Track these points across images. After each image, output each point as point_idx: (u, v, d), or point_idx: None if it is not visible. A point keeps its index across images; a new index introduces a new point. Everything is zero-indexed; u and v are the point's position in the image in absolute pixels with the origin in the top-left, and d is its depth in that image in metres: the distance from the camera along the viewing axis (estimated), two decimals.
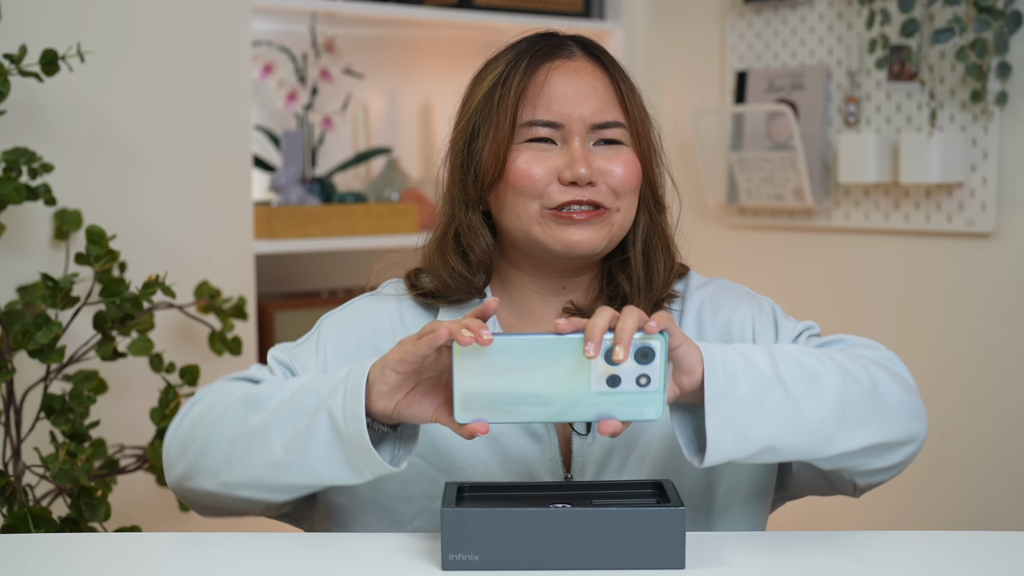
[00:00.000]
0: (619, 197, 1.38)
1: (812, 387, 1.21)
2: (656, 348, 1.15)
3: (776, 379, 1.20)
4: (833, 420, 1.22)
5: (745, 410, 1.18)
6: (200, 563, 1.21)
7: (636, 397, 1.15)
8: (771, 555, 1.21)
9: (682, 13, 3.02)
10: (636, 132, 1.40)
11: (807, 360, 1.24)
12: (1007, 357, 2.46)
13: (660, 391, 1.15)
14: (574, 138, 1.37)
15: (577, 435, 1.36)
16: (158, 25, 2.24)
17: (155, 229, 2.25)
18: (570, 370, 1.15)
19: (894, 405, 1.27)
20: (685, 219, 1.50)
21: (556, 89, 1.38)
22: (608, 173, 1.37)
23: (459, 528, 1.13)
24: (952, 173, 2.46)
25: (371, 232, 2.68)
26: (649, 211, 1.43)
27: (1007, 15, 2.33)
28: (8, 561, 1.21)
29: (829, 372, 1.23)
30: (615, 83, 1.40)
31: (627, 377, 1.15)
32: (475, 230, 1.41)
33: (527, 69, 1.38)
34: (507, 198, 1.38)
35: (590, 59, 1.41)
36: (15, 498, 1.78)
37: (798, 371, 1.22)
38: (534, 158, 1.37)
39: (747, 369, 1.19)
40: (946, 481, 2.57)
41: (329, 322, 1.44)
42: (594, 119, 1.38)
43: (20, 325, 1.95)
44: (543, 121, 1.37)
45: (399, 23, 2.98)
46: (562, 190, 1.36)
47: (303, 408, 1.23)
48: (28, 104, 2.08)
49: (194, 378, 2.06)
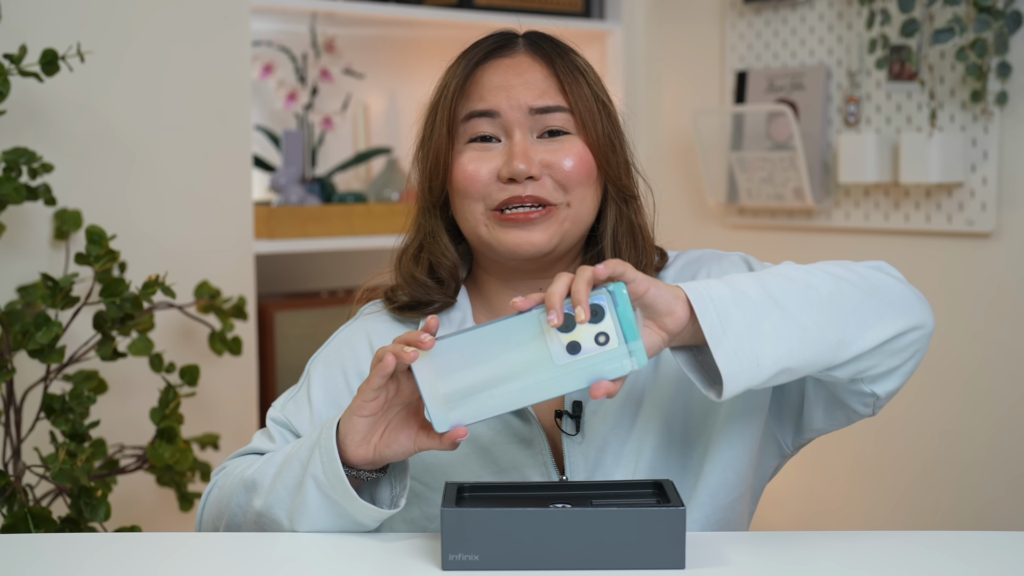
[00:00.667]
0: (567, 191, 1.34)
1: (807, 298, 1.19)
2: (604, 303, 1.13)
3: (769, 299, 1.18)
4: (837, 325, 1.20)
5: (746, 337, 1.16)
6: (200, 563, 1.21)
7: (601, 357, 1.14)
8: (771, 555, 1.21)
9: (682, 13, 3.02)
10: (583, 120, 1.35)
11: (796, 274, 1.22)
12: (1007, 357, 2.46)
13: (621, 345, 1.14)
14: (515, 131, 1.34)
15: (566, 436, 1.36)
16: (158, 25, 2.24)
17: (155, 229, 2.25)
18: (529, 349, 1.14)
19: (893, 297, 1.25)
20: (685, 219, 1.49)
21: (492, 82, 1.36)
22: (552, 166, 1.34)
23: (459, 528, 1.13)
24: (952, 173, 2.46)
25: (371, 232, 2.68)
26: (616, 204, 1.39)
27: (1007, 15, 2.33)
28: (8, 561, 1.21)
29: (821, 281, 1.21)
30: (556, 73, 1.36)
31: (585, 341, 1.14)
32: (438, 238, 1.41)
33: (464, 70, 1.37)
34: (456, 202, 1.37)
35: (531, 53, 1.38)
36: (15, 498, 1.78)
37: (789, 286, 1.20)
38: (475, 158, 1.35)
39: (736, 297, 1.17)
40: (946, 481, 2.57)
41: (315, 366, 1.44)
42: (532, 103, 1.34)
43: (20, 325, 1.95)
44: (477, 111, 1.35)
45: (399, 23, 2.98)
46: (501, 188, 1.33)
47: (292, 481, 1.26)
48: (28, 104, 2.08)
49: (194, 378, 2.07)
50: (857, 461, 2.69)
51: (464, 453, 1.37)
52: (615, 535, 1.13)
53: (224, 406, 2.35)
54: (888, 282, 1.26)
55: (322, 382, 1.42)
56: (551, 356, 1.15)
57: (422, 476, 1.37)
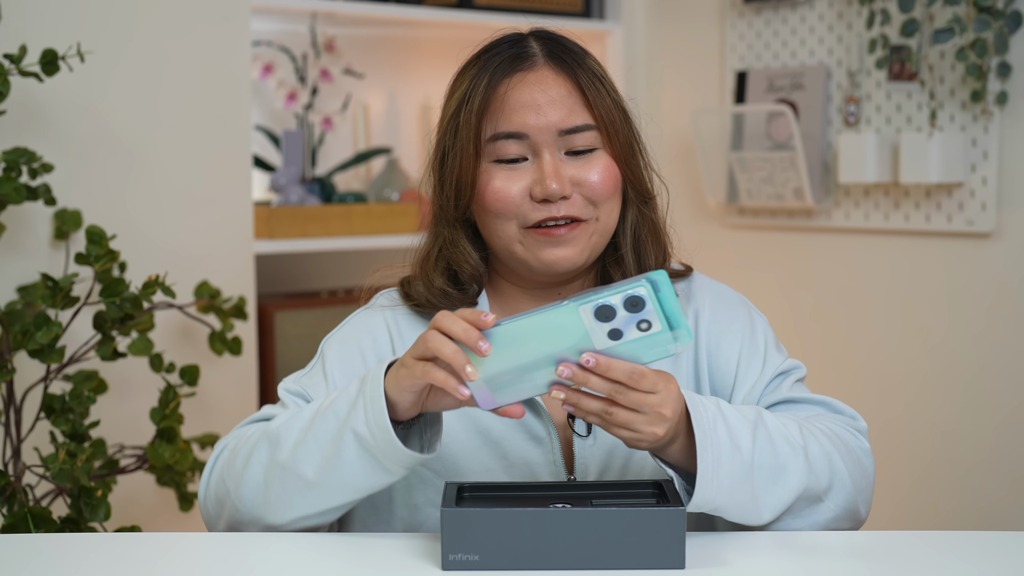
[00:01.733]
0: (597, 206, 1.36)
1: (774, 481, 1.26)
2: (643, 295, 1.14)
3: (749, 469, 1.23)
4: (778, 511, 1.26)
5: (722, 494, 1.22)
6: (200, 563, 1.21)
7: (644, 342, 1.15)
8: (771, 555, 1.21)
9: (682, 13, 3.02)
10: (607, 133, 1.37)
11: (782, 449, 1.26)
12: (1007, 357, 2.46)
13: (665, 330, 1.14)
14: (543, 151, 1.34)
15: (578, 437, 1.36)
16: (158, 25, 2.24)
17: (155, 229, 2.25)
18: (570, 332, 1.15)
19: (840, 503, 1.31)
20: (685, 219, 1.50)
21: (518, 101, 1.35)
22: (582, 183, 1.35)
23: (459, 528, 1.13)
24: (952, 173, 2.46)
25: (371, 232, 2.68)
26: (636, 205, 1.41)
27: (1007, 15, 2.33)
28: (8, 561, 1.21)
29: (796, 469, 1.27)
30: (580, 87, 1.36)
31: (626, 327, 1.15)
32: (460, 247, 1.40)
33: (488, 86, 1.36)
34: (486, 219, 1.37)
35: (553, 65, 1.37)
36: (15, 498, 1.78)
37: (770, 461, 1.25)
38: (505, 178, 1.35)
39: (731, 454, 1.22)
40: (947, 482, 2.57)
41: (330, 344, 1.43)
42: (561, 125, 1.34)
43: (20, 325, 1.95)
44: (505, 133, 1.34)
45: (399, 23, 2.98)
46: (536, 208, 1.34)
47: (325, 433, 1.24)
48: (28, 104, 2.08)
49: (194, 378, 2.06)
50: None
51: (476, 445, 1.37)
52: (615, 535, 1.13)
53: (224, 406, 2.35)
54: (844, 487, 1.32)
55: (338, 358, 1.41)
56: (592, 339, 1.15)
57: (432, 463, 1.37)
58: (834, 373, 2.74)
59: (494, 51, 1.40)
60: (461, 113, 1.36)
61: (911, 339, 2.60)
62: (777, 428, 1.27)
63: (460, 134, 1.36)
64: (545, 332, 1.15)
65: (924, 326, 2.59)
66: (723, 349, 1.41)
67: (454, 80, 1.41)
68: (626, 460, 1.36)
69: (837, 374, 2.73)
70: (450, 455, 1.37)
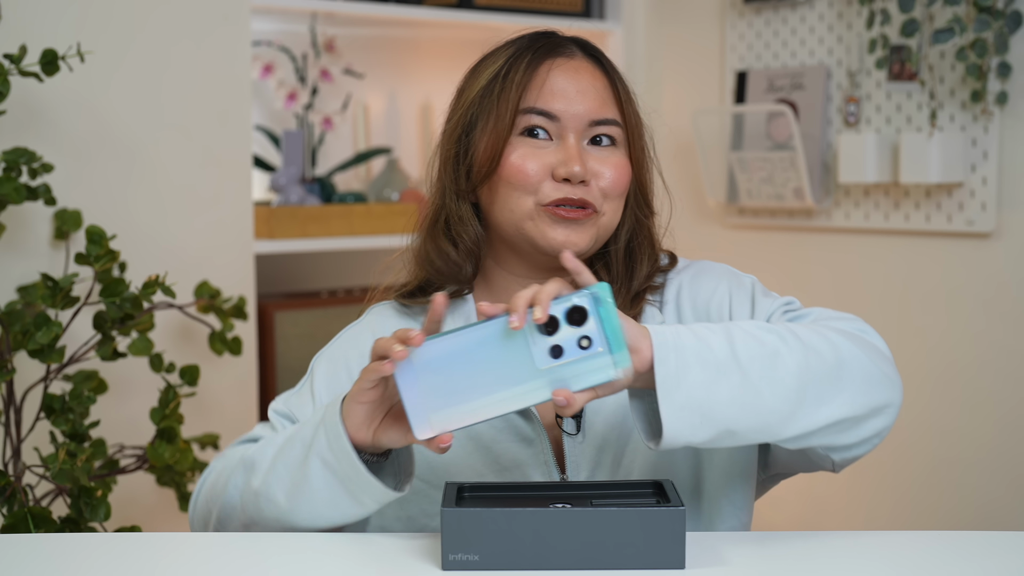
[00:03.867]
0: (607, 199, 1.38)
1: (771, 366, 1.18)
2: (587, 304, 1.13)
3: (732, 361, 1.17)
4: (793, 400, 1.18)
5: (699, 394, 1.15)
6: (200, 563, 1.21)
7: (584, 363, 1.13)
8: (771, 555, 1.21)
9: (682, 13, 3.02)
10: (631, 135, 1.41)
11: (768, 338, 1.20)
12: (1007, 357, 2.46)
13: (606, 351, 1.12)
14: (569, 135, 1.37)
15: (567, 435, 1.36)
16: (158, 25, 2.24)
17: (155, 229, 2.25)
18: (512, 354, 1.13)
19: (860, 377, 1.24)
20: (685, 219, 1.50)
21: (557, 84, 1.38)
22: (599, 175, 1.37)
23: (459, 528, 1.13)
24: (952, 173, 2.46)
25: (371, 232, 2.68)
26: (636, 213, 1.43)
27: (1007, 15, 2.33)
28: (8, 561, 1.21)
29: (790, 349, 1.19)
30: (613, 85, 1.41)
31: (568, 345, 1.13)
32: (465, 220, 1.42)
33: (530, 64, 1.39)
34: (500, 192, 1.38)
35: (590, 60, 1.42)
36: (15, 498, 1.78)
37: (757, 350, 1.18)
38: (529, 154, 1.37)
39: (700, 352, 1.16)
40: (946, 481, 2.57)
41: (319, 362, 1.45)
42: (592, 116, 1.38)
43: (20, 325, 1.95)
44: (540, 110, 1.37)
45: (399, 23, 2.98)
46: (555, 187, 1.36)
47: (293, 459, 1.26)
48: (28, 104, 2.08)
49: (194, 378, 2.06)
50: (857, 461, 2.69)
51: (466, 451, 1.37)
52: (615, 535, 1.13)
53: (224, 406, 2.35)
54: (859, 359, 1.24)
55: (325, 377, 1.43)
56: (533, 360, 1.13)
57: (423, 473, 1.37)
58: None
59: (530, 37, 1.43)
60: (496, 85, 1.39)
61: (911, 339, 2.60)
62: (752, 325, 1.23)
63: (498, 104, 1.38)
64: (485, 347, 1.13)
65: (924, 326, 2.59)
66: (712, 310, 1.40)
67: (481, 61, 1.43)
68: (617, 456, 1.36)
69: None
70: (441, 462, 1.37)
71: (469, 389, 1.14)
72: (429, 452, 1.37)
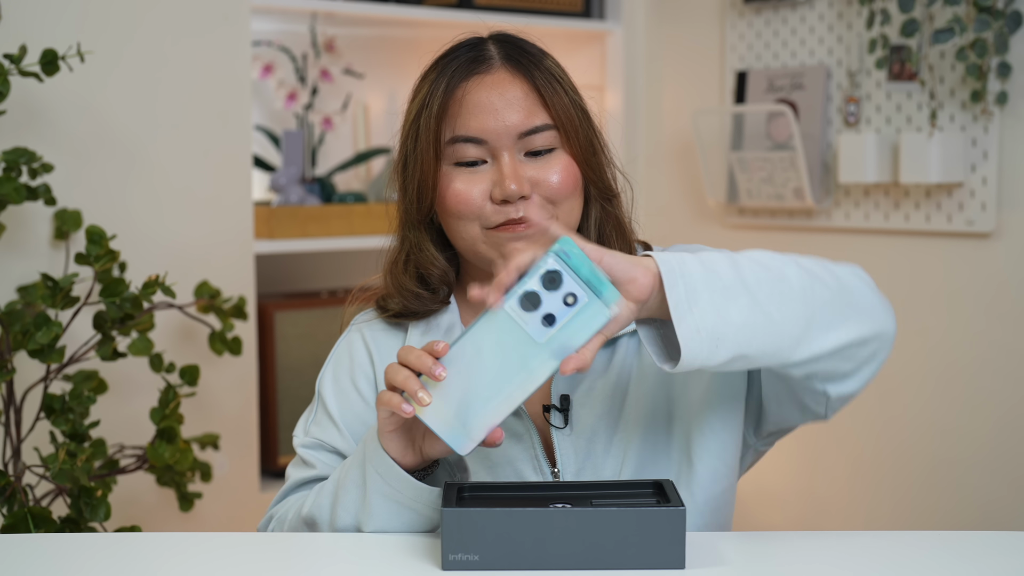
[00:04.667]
0: (556, 205, 1.37)
1: (778, 289, 1.18)
2: (555, 265, 1.14)
3: (740, 284, 1.17)
4: (802, 321, 1.19)
5: (711, 317, 1.15)
6: (200, 563, 1.21)
7: (578, 317, 1.14)
8: (771, 555, 1.21)
9: (682, 13, 3.02)
10: (566, 132, 1.37)
11: (772, 263, 1.21)
12: (1007, 357, 2.46)
13: (591, 296, 1.14)
14: (502, 153, 1.35)
15: (555, 429, 1.37)
16: (158, 25, 2.24)
17: (155, 229, 2.25)
18: (511, 339, 1.15)
19: (862, 302, 1.25)
20: (685, 219, 1.50)
21: (475, 105, 1.36)
22: (540, 183, 1.36)
23: (459, 528, 1.13)
24: (952, 173, 2.46)
25: (371, 232, 2.68)
26: (599, 203, 1.42)
27: (1007, 15, 2.33)
28: (8, 561, 1.21)
29: (794, 274, 1.20)
30: (536, 88, 1.37)
31: (556, 308, 1.14)
32: (425, 250, 1.42)
33: (446, 90, 1.38)
34: (448, 221, 1.39)
35: (510, 67, 1.38)
36: (15, 498, 1.78)
37: (763, 274, 1.19)
38: (466, 180, 1.36)
39: (707, 275, 1.16)
40: (946, 481, 2.57)
41: (323, 384, 1.46)
42: (519, 128, 1.35)
43: (20, 325, 1.95)
44: (463, 136, 1.36)
45: (399, 23, 2.98)
46: (496, 210, 1.35)
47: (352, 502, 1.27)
48: (28, 104, 2.08)
49: (194, 378, 2.07)
50: (857, 461, 2.69)
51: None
52: (615, 535, 1.13)
53: (224, 406, 2.35)
54: (859, 286, 1.26)
55: (334, 396, 1.44)
56: (532, 337, 1.15)
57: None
58: None
59: (452, 55, 1.42)
60: (421, 117, 1.39)
61: (911, 339, 2.60)
62: (756, 252, 1.23)
63: (420, 138, 1.38)
64: (485, 345, 1.15)
65: (924, 326, 2.59)
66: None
67: (415, 85, 1.44)
68: (606, 446, 1.36)
69: None
70: None
71: (486, 388, 1.16)
72: None
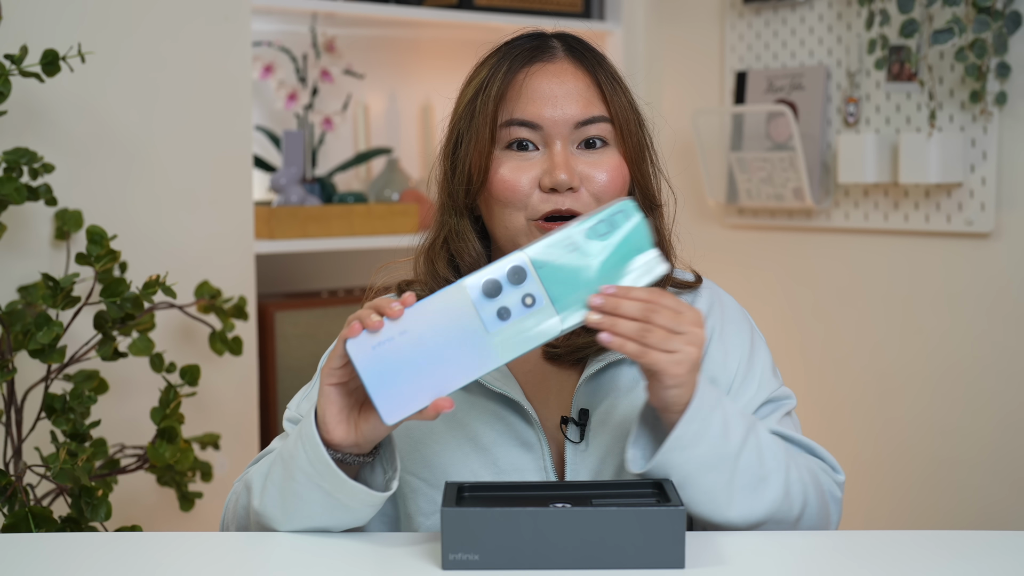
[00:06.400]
0: (601, 203, 1.35)
1: (752, 489, 1.25)
2: (524, 264, 1.14)
3: (731, 462, 1.23)
4: (748, 522, 1.26)
5: (690, 468, 1.22)
6: (200, 563, 1.22)
7: (530, 320, 1.15)
8: (771, 555, 1.21)
9: (682, 13, 3.02)
10: (621, 130, 1.37)
11: (768, 461, 1.26)
12: (1007, 357, 2.46)
13: (549, 305, 1.15)
14: (555, 142, 1.34)
15: (571, 443, 1.36)
16: (158, 25, 2.24)
17: (155, 229, 2.25)
18: (462, 320, 1.15)
19: (806, 525, 1.31)
20: (684, 219, 1.49)
21: (535, 91, 1.35)
22: (590, 179, 1.35)
23: (459, 528, 1.13)
24: (951, 173, 2.46)
25: (371, 232, 2.68)
26: (644, 208, 1.40)
27: (1006, 16, 2.33)
28: (8, 561, 1.21)
29: (775, 486, 1.26)
30: (597, 82, 1.37)
31: (513, 305, 1.15)
32: (464, 236, 1.40)
33: (507, 73, 1.36)
34: (493, 209, 1.37)
35: (573, 60, 1.38)
36: (16, 498, 1.78)
37: (754, 467, 1.25)
38: (516, 167, 1.35)
39: (716, 440, 1.22)
40: (946, 481, 2.57)
41: (323, 362, 1.44)
42: (577, 117, 1.35)
43: (21, 325, 1.95)
44: (519, 120, 1.35)
45: (399, 23, 2.98)
46: (544, 198, 1.34)
47: (279, 476, 1.26)
48: (29, 104, 2.08)
49: (195, 378, 2.07)
50: (857, 461, 2.69)
51: (464, 452, 1.36)
52: (615, 535, 1.13)
53: (224, 406, 2.35)
54: (814, 517, 1.31)
55: None
56: (483, 324, 1.15)
57: (421, 471, 1.37)
58: (834, 373, 2.74)
59: (515, 43, 1.40)
60: (478, 99, 1.37)
61: (911, 339, 2.61)
62: (767, 441, 1.28)
63: (476, 119, 1.36)
64: (436, 319, 1.15)
65: (924, 326, 2.59)
66: (718, 373, 1.39)
67: (472, 71, 1.41)
68: (618, 468, 1.35)
69: (837, 374, 2.74)
70: (439, 463, 1.37)
71: (427, 364, 1.15)
72: (429, 450, 1.37)
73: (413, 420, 1.19)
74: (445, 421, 1.37)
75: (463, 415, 1.36)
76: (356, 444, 1.23)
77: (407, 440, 1.38)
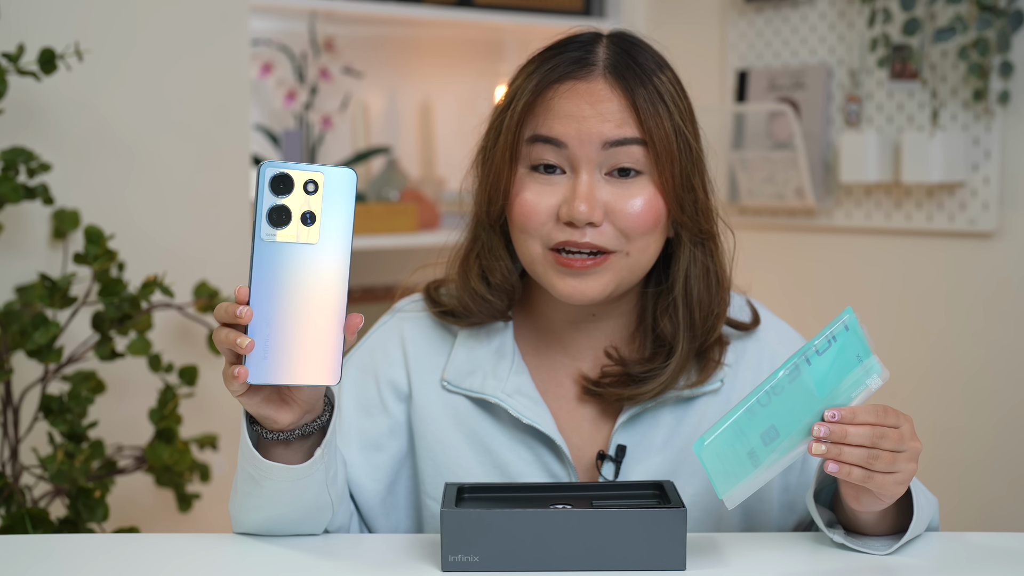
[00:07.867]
0: (629, 240, 1.25)
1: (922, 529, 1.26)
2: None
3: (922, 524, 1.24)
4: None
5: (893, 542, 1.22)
6: (199, 564, 1.21)
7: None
8: (771, 555, 1.20)
9: (682, 12, 3.01)
10: (658, 155, 1.25)
11: (931, 514, 1.29)
12: (1008, 357, 2.46)
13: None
14: (581, 167, 1.24)
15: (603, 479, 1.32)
16: (157, 24, 2.23)
17: (154, 229, 2.24)
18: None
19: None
20: None
21: (563, 109, 1.25)
22: (617, 212, 1.24)
23: (459, 529, 1.12)
24: (954, 172, 2.45)
25: (371, 232, 2.68)
26: (688, 245, 1.30)
27: (1009, 14, 2.32)
28: (6, 562, 1.20)
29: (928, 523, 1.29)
30: (633, 104, 1.25)
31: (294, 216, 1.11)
32: (495, 253, 1.32)
33: (536, 88, 1.26)
34: (514, 233, 1.29)
35: (612, 78, 1.26)
36: (13, 499, 1.77)
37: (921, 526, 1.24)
38: (536, 191, 1.26)
39: (924, 516, 1.23)
40: (947, 481, 2.56)
41: (348, 369, 1.37)
42: (605, 137, 1.24)
43: (18, 325, 1.95)
44: (544, 136, 1.25)
45: (399, 22, 2.97)
46: (560, 228, 1.24)
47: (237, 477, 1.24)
48: (26, 103, 2.08)
49: (193, 378, 2.06)
50: None
51: (490, 480, 1.33)
52: (616, 536, 1.12)
53: (223, 406, 2.34)
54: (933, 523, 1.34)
55: (354, 387, 1.36)
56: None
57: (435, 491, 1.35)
58: None
59: (557, 51, 1.29)
60: (506, 112, 1.28)
61: (912, 339, 2.60)
62: (926, 503, 1.27)
63: (501, 134, 1.28)
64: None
65: (925, 325, 2.58)
66: None
67: (514, 73, 1.32)
68: None
69: None
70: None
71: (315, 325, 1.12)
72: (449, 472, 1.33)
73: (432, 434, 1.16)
74: (472, 447, 1.33)
75: (490, 440, 1.33)
76: (308, 411, 1.17)
77: (432, 465, 1.34)
